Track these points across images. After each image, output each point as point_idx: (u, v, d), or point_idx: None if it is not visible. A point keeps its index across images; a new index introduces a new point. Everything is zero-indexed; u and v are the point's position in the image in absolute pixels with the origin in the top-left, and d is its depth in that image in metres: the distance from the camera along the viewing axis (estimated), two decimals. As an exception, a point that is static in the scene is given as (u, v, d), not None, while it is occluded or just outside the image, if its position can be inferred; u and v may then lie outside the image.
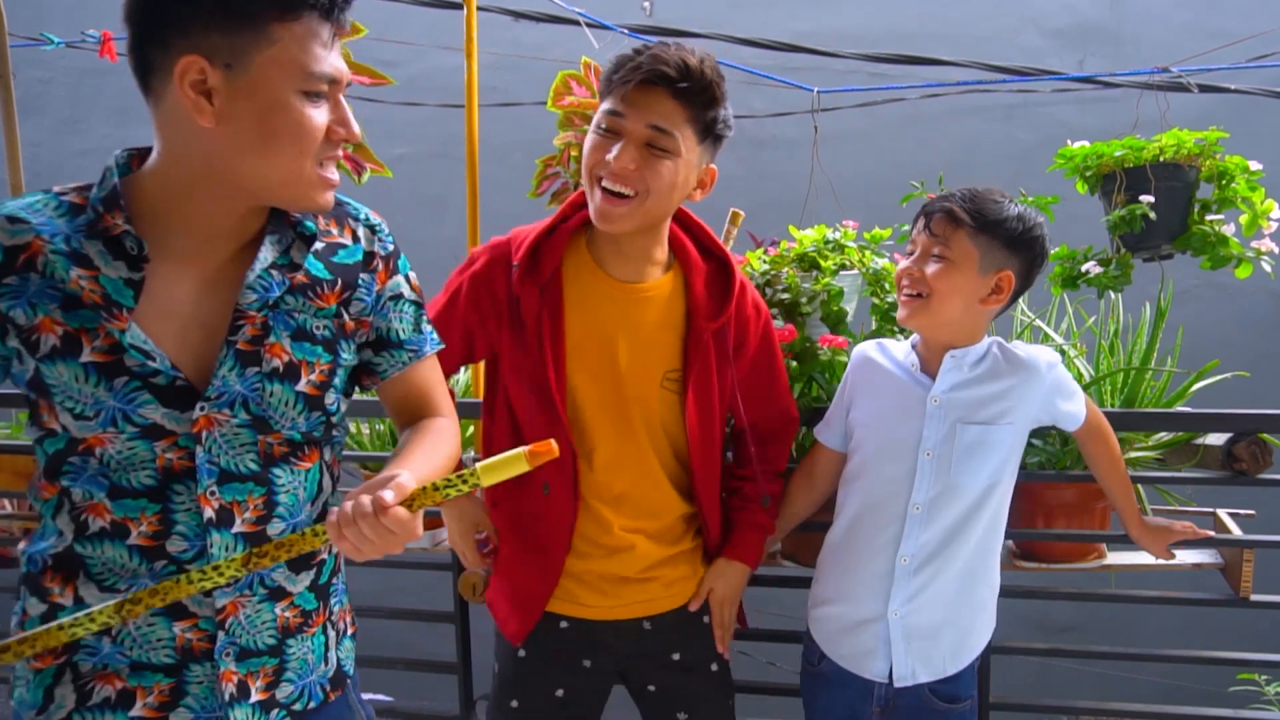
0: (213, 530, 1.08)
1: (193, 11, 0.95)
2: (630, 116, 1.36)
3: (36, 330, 1.00)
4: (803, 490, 1.75)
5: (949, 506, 1.53)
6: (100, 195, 1.03)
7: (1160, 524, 1.71)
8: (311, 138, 1.02)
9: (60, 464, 1.06)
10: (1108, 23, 4.01)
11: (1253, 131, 2.92)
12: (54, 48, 3.07)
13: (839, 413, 1.67)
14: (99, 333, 1.01)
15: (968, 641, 1.59)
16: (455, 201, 2.43)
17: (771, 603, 2.23)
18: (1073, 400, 1.60)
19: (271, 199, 1.07)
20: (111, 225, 1.02)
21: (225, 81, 0.97)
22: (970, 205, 1.50)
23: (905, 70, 3.67)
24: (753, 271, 1.94)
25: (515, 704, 1.59)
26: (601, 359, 1.48)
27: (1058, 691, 3.77)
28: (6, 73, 1.94)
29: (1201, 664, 2.01)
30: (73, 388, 1.02)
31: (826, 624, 1.64)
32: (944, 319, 1.52)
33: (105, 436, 1.03)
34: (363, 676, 1.37)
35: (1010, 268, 1.50)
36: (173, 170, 1.04)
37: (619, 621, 1.56)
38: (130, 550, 1.07)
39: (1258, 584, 1.84)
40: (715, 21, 3.69)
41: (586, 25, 2.63)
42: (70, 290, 1.01)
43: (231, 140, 1.00)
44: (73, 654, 1.09)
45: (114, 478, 1.05)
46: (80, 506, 1.06)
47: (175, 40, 0.96)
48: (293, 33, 0.98)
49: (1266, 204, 2.01)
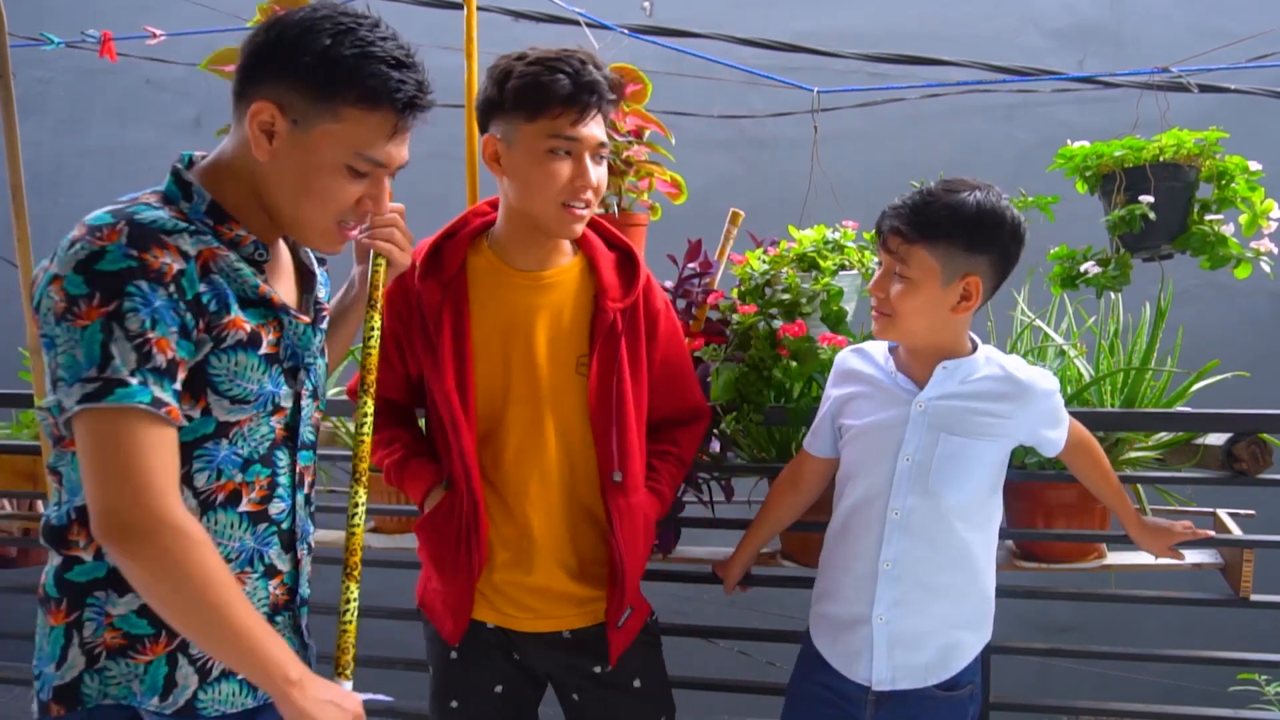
0: (298, 491, 1.29)
1: (285, 70, 1.13)
2: (583, 133, 1.43)
3: (229, 326, 1.14)
4: (786, 496, 1.75)
5: (928, 515, 1.51)
6: (202, 209, 1.17)
7: (1160, 524, 1.71)
8: (339, 206, 1.20)
9: (193, 450, 1.15)
10: (1108, 23, 4.01)
11: (1253, 131, 2.92)
12: (54, 48, 3.07)
13: (825, 422, 1.67)
14: (270, 328, 1.20)
15: (954, 655, 1.56)
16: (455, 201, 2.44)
17: (772, 603, 2.23)
18: (1058, 429, 1.58)
19: (292, 233, 1.25)
20: (235, 236, 1.18)
21: (288, 131, 1.14)
22: (920, 218, 1.42)
23: (905, 70, 3.67)
24: (752, 272, 1.95)
25: (455, 704, 1.61)
26: (513, 351, 1.51)
27: (1058, 691, 3.78)
28: (6, 73, 1.94)
29: (1201, 664, 2.01)
30: (246, 375, 1.17)
31: (822, 621, 1.65)
32: (916, 332, 1.51)
33: (252, 416, 1.19)
34: (363, 676, 1.37)
35: (975, 271, 1.44)
36: (237, 182, 1.19)
37: (539, 634, 1.59)
38: (240, 517, 1.21)
39: (1258, 584, 1.84)
40: (715, 21, 3.69)
41: (586, 25, 2.63)
42: (251, 293, 1.17)
43: (276, 176, 1.17)
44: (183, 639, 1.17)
45: (245, 454, 1.20)
46: (205, 490, 1.18)
47: (266, 85, 1.14)
48: (363, 119, 1.15)
49: (1266, 204, 2.01)
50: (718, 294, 1.96)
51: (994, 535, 1.60)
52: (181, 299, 1.09)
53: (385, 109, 1.15)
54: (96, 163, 4.58)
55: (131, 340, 1.05)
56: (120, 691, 1.15)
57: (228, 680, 1.20)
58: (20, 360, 2.10)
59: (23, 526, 2.35)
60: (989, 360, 1.54)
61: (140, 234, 1.07)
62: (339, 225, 1.22)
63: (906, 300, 1.46)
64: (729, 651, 3.07)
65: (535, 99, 1.40)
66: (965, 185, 1.44)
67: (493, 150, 1.47)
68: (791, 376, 1.85)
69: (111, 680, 1.15)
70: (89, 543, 1.15)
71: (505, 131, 1.45)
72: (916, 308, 1.47)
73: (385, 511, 2.18)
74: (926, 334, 1.51)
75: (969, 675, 1.59)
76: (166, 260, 1.08)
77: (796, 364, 1.84)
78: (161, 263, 1.07)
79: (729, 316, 1.90)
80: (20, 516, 2.35)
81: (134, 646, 1.16)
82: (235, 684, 1.21)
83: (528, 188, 1.45)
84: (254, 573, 1.24)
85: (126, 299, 1.04)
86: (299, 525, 1.30)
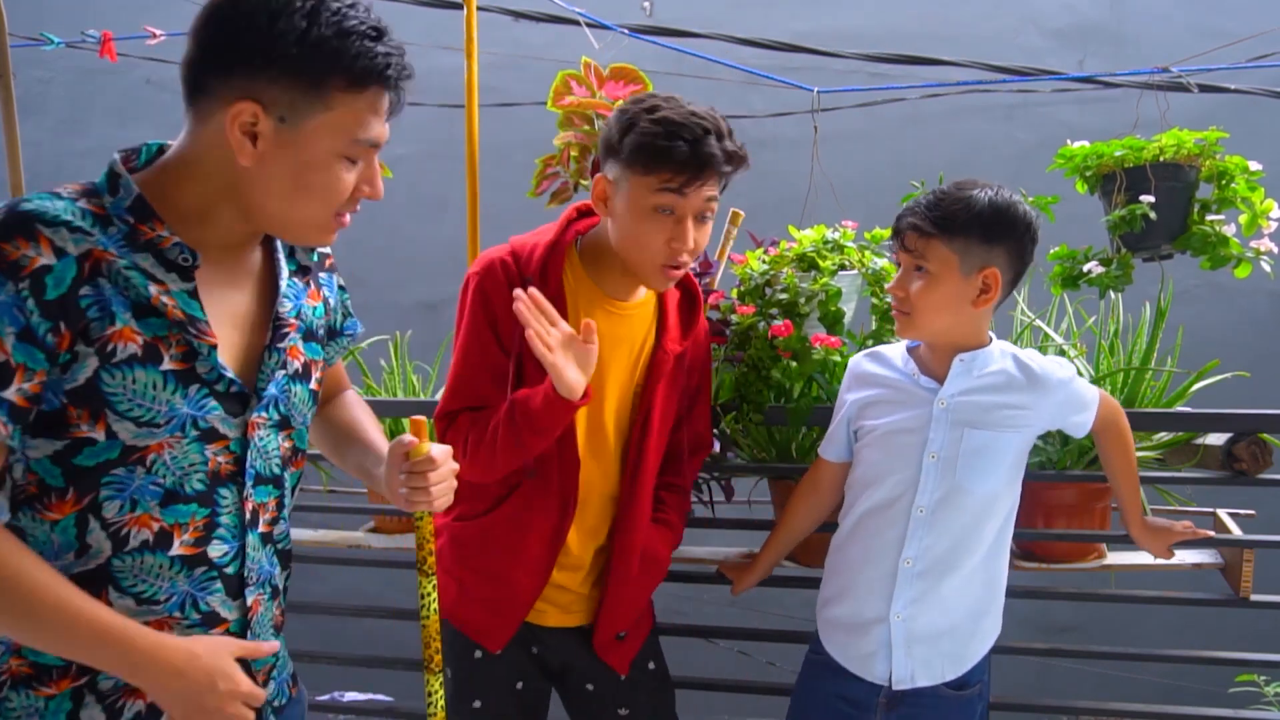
0: (249, 531, 1.13)
1: (265, 63, 0.99)
2: (691, 198, 1.44)
3: (115, 338, 1.00)
4: (806, 504, 1.75)
5: (953, 510, 1.53)
6: (126, 204, 1.03)
7: (1161, 524, 1.70)
8: (339, 196, 1.08)
9: (99, 476, 1.02)
10: (1108, 23, 4.01)
11: (1253, 131, 2.92)
12: (54, 48, 3.07)
13: (841, 428, 1.67)
14: (172, 341, 1.04)
15: (970, 647, 1.58)
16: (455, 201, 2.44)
17: (772, 603, 2.23)
18: (1083, 413, 1.59)
19: (281, 233, 1.13)
20: (156, 237, 1.03)
21: (274, 131, 1.02)
22: (935, 212, 1.47)
23: (905, 70, 3.67)
24: (752, 272, 1.95)
25: (479, 704, 1.62)
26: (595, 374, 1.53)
27: (1058, 691, 3.78)
28: (6, 73, 1.94)
29: (1201, 664, 2.01)
30: (147, 395, 1.02)
31: (832, 625, 1.64)
32: (936, 330, 1.53)
33: (167, 442, 1.04)
34: (363, 676, 1.37)
35: (994, 263, 1.48)
36: (200, 184, 1.06)
37: (564, 628, 1.64)
38: (172, 560, 1.07)
39: (1258, 584, 1.83)
40: (715, 21, 3.69)
41: (586, 25, 2.63)
42: (145, 302, 1.02)
43: (263, 181, 1.04)
44: (94, 673, 1.05)
45: (167, 484, 1.05)
46: (116, 521, 1.04)
47: (238, 79, 1.00)
48: (353, 102, 1.03)
49: (1266, 204, 2.00)
50: (718, 294, 1.96)
51: (1011, 523, 1.61)
52: (37, 298, 0.95)
53: (375, 87, 1.04)
54: (96, 163, 4.52)
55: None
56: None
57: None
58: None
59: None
60: (1003, 353, 1.56)
61: (11, 222, 0.95)
62: (335, 217, 1.10)
63: (926, 296, 1.49)
64: (729, 651, 3.07)
65: (649, 160, 1.42)
66: (977, 184, 1.49)
67: (602, 190, 1.50)
68: (791, 377, 1.85)
69: (11, 713, 1.04)
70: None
71: (617, 177, 1.47)
72: (936, 303, 1.49)
73: (385, 511, 2.18)
74: (947, 330, 1.53)
75: (978, 674, 1.60)
76: (29, 254, 0.94)
77: (796, 364, 1.84)
78: (21, 255, 0.94)
79: (729, 317, 1.90)
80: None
81: (39, 678, 1.04)
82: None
83: (628, 238, 1.48)
84: (184, 620, 1.08)
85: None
86: (251, 569, 1.14)
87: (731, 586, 1.86)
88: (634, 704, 1.68)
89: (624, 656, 1.66)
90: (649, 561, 1.63)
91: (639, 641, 1.68)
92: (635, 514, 1.59)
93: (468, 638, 1.61)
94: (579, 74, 2.20)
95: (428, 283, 4.11)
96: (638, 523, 1.60)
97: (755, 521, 1.95)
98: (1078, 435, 1.63)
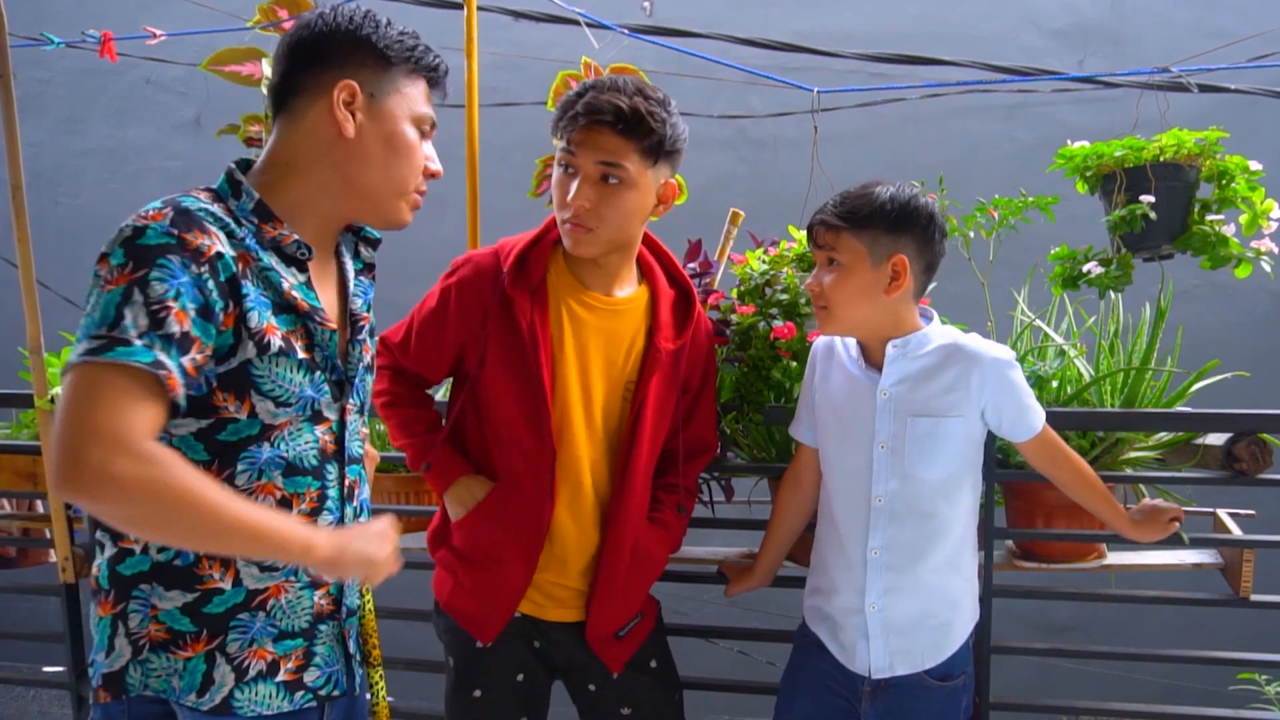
0: (348, 504, 1.31)
1: (354, 50, 1.23)
2: (581, 155, 1.49)
3: (265, 333, 1.16)
4: (789, 498, 1.77)
5: (911, 499, 1.56)
6: (249, 207, 1.20)
7: (1145, 509, 1.67)
8: (419, 158, 1.28)
9: (239, 451, 1.17)
10: (1108, 23, 4.01)
11: (1253, 131, 2.92)
12: (54, 48, 3.06)
13: (806, 408, 1.70)
14: (299, 333, 1.21)
15: (948, 636, 1.60)
16: (455, 201, 2.44)
17: (771, 603, 2.23)
18: (1023, 413, 1.57)
19: (373, 210, 1.29)
20: (278, 235, 1.20)
21: (366, 105, 1.23)
22: (840, 208, 1.53)
23: (905, 70, 3.67)
24: (752, 272, 1.95)
25: (479, 693, 1.63)
26: (578, 365, 1.57)
27: (1058, 691, 3.78)
28: (7, 73, 1.94)
29: (1201, 664, 2.01)
30: (287, 379, 1.18)
31: (818, 615, 1.68)
32: (855, 321, 1.56)
33: (291, 420, 1.20)
34: (362, 676, 1.38)
35: (901, 251, 1.51)
36: (300, 180, 1.24)
37: (566, 623, 1.64)
38: None
39: (1258, 584, 1.84)
40: (715, 21, 3.69)
41: (586, 25, 2.63)
42: (280, 299, 1.18)
43: (362, 151, 1.23)
44: (225, 636, 1.19)
45: (290, 458, 1.21)
46: (247, 489, 1.18)
47: (332, 71, 1.22)
48: (414, 86, 1.28)
49: (1266, 204, 2.01)
50: (718, 294, 1.96)
51: (975, 511, 1.63)
52: (214, 279, 1.10)
53: (428, 76, 1.30)
54: (96, 163, 4.58)
55: (148, 305, 1.05)
56: (160, 684, 1.18)
57: (264, 682, 1.22)
58: (20, 360, 2.09)
59: (22, 526, 2.34)
60: (943, 334, 1.59)
61: (184, 217, 1.10)
62: (414, 192, 1.29)
63: (840, 287, 1.53)
64: (729, 651, 3.07)
65: (555, 118, 1.51)
66: (878, 183, 1.56)
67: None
68: (791, 377, 1.85)
69: (153, 672, 1.18)
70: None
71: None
72: (850, 293, 1.53)
73: (384, 511, 2.18)
74: (867, 320, 1.56)
75: (961, 665, 1.61)
76: (206, 242, 1.10)
77: (796, 364, 1.84)
78: (200, 243, 1.09)
79: (729, 317, 1.90)
80: (20, 516, 2.34)
81: (175, 642, 1.18)
82: (272, 686, 1.22)
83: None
84: (297, 582, 1.25)
85: (155, 268, 1.06)
86: None
87: (725, 587, 1.86)
88: (637, 703, 1.68)
89: (620, 654, 1.66)
90: (640, 559, 1.63)
91: (638, 640, 1.69)
92: (627, 509, 1.60)
93: (471, 633, 1.62)
94: (579, 74, 2.20)
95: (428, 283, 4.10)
96: (629, 518, 1.60)
97: (755, 521, 1.95)
98: (1017, 439, 1.60)
